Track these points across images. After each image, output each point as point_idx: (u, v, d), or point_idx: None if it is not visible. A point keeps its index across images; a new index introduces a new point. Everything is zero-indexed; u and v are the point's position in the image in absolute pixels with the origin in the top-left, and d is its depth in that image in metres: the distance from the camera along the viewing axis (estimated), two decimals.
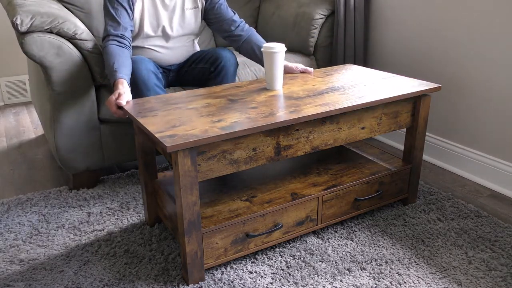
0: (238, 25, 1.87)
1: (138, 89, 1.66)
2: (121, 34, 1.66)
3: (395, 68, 2.29)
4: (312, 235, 1.57)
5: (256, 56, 1.86)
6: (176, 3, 1.81)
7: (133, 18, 1.74)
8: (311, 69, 1.81)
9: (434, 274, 1.37)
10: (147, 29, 1.80)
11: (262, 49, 1.55)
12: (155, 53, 1.86)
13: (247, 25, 1.89)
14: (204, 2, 1.87)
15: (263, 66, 1.80)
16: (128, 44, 1.67)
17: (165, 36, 1.85)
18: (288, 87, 1.63)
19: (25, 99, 3.31)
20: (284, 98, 1.49)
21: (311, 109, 1.36)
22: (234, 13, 1.89)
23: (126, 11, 1.70)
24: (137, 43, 1.83)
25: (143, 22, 1.78)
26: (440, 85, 1.60)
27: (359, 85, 1.63)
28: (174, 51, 1.90)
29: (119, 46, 1.63)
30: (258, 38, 1.86)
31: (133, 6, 1.73)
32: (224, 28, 1.87)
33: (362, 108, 1.47)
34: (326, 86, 1.62)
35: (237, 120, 1.29)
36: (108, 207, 1.76)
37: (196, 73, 1.91)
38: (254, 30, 1.89)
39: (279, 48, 1.52)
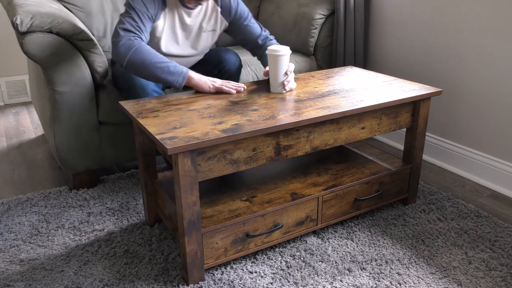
0: (262, 41, 1.79)
1: (135, 94, 1.65)
2: (144, 39, 1.58)
3: (395, 67, 2.29)
4: (312, 235, 1.57)
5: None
6: (195, 24, 1.72)
7: (150, 27, 1.64)
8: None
9: (434, 274, 1.37)
10: (164, 48, 1.72)
11: (266, 52, 1.54)
12: None
13: (270, 38, 1.81)
14: (227, 24, 1.78)
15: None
16: None
17: (176, 58, 1.79)
18: None
19: (25, 99, 3.31)
20: (285, 101, 1.49)
21: (312, 112, 1.36)
22: (261, 29, 1.81)
23: (150, 22, 1.60)
24: None
25: (159, 41, 1.69)
26: (441, 90, 1.60)
27: (359, 88, 1.63)
28: (181, 63, 1.86)
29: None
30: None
31: (153, 21, 1.62)
32: (249, 45, 1.82)
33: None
34: (327, 88, 1.62)
35: (238, 122, 1.29)
36: (108, 207, 1.76)
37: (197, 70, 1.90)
38: (274, 41, 1.82)
39: (284, 51, 1.51)
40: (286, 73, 1.55)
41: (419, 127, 1.64)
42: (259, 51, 1.81)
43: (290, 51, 1.54)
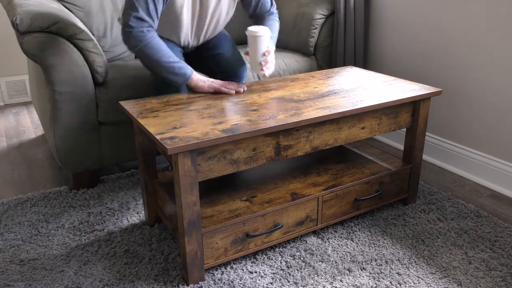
0: (267, 16, 1.81)
1: (172, 91, 1.64)
2: (154, 29, 1.54)
3: (395, 67, 2.29)
4: (312, 235, 1.57)
5: None
6: None
7: (162, 8, 1.58)
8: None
9: (434, 274, 1.37)
10: (185, 21, 1.66)
11: (246, 32, 1.56)
12: (178, 38, 1.76)
13: (273, 17, 1.82)
14: None
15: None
16: None
17: (198, 28, 1.75)
18: (289, 89, 1.63)
19: (25, 99, 3.31)
20: (285, 101, 1.49)
21: (311, 112, 1.36)
22: (271, 4, 1.82)
23: (163, 4, 1.56)
24: (167, 30, 1.72)
25: (181, 15, 1.64)
26: (441, 90, 1.60)
27: (359, 88, 1.63)
28: (194, 39, 1.82)
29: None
30: (272, 26, 1.79)
31: None
32: (257, 19, 1.83)
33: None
34: (327, 88, 1.62)
35: (238, 122, 1.29)
36: (108, 207, 1.76)
37: (204, 68, 1.88)
38: (276, 21, 1.82)
39: (262, 32, 1.54)
40: (264, 54, 1.58)
41: (419, 127, 1.64)
42: (261, 23, 1.82)
43: (270, 33, 1.56)
